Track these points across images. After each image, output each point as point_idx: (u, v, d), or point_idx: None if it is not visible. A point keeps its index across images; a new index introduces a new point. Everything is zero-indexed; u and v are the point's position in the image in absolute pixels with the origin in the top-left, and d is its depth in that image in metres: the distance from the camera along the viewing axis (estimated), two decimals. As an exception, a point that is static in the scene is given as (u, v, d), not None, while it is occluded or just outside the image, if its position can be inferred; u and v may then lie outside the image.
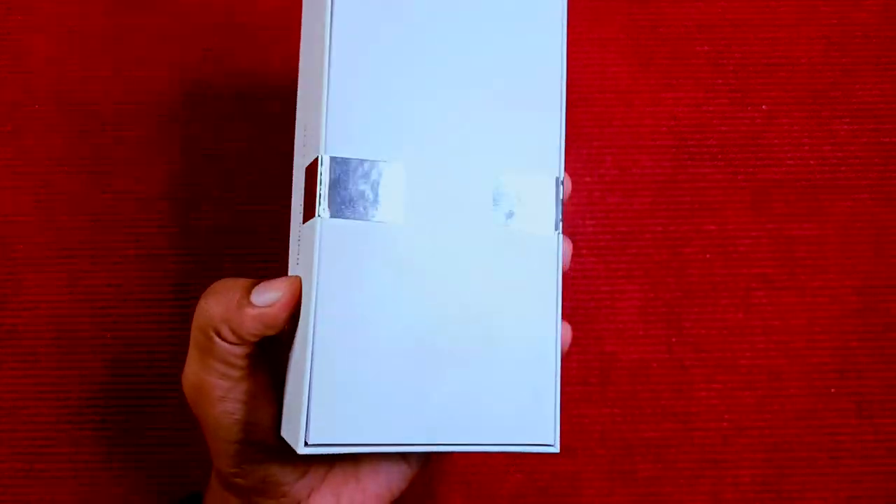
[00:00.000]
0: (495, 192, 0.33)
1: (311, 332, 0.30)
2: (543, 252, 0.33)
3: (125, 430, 0.46)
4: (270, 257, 0.46)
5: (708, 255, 0.47)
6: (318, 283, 0.30)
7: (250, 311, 0.31)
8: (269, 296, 0.32)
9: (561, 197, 0.34)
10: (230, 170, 0.47)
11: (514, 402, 0.32)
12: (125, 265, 0.47)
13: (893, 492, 0.45)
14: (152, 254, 0.47)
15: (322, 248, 0.30)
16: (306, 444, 0.29)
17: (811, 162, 0.47)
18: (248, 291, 0.32)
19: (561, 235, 0.34)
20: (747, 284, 0.46)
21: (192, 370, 0.33)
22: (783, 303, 0.46)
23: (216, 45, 0.48)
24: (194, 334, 0.33)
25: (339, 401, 0.30)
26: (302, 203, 0.34)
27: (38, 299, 0.46)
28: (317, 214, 0.31)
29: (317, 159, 0.31)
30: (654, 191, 0.47)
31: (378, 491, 0.37)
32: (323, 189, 0.31)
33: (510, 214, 0.33)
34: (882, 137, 0.47)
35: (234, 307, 0.32)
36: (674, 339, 0.46)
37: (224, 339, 0.32)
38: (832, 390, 0.46)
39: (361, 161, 0.31)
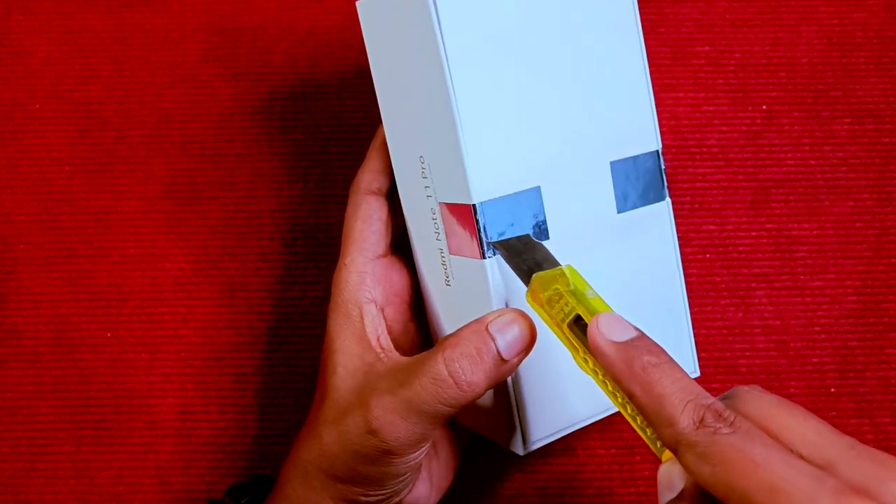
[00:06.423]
0: (614, 184, 0.37)
1: None
2: (658, 221, 0.38)
3: (125, 430, 0.46)
4: (270, 257, 0.47)
5: (708, 255, 0.47)
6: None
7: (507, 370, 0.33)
8: (517, 349, 0.33)
9: (663, 167, 0.38)
10: (230, 170, 0.47)
11: None
12: (125, 265, 0.47)
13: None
14: (152, 254, 0.47)
15: (493, 283, 0.34)
16: (525, 447, 0.36)
17: (811, 162, 0.47)
18: (500, 353, 0.33)
19: (670, 202, 0.38)
20: (747, 284, 0.46)
21: (418, 429, 0.34)
22: (783, 303, 0.46)
23: (216, 45, 0.48)
24: (439, 403, 0.33)
25: (538, 407, 0.36)
26: (438, 231, 0.36)
27: (38, 299, 0.46)
28: (484, 257, 0.34)
29: (468, 206, 0.33)
30: (654, 191, 0.47)
31: (448, 461, 0.41)
32: (484, 236, 0.34)
33: (626, 198, 0.37)
34: (882, 137, 0.47)
35: (494, 366, 0.33)
36: (674, 339, 0.46)
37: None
38: (832, 390, 0.46)
39: (507, 197, 0.34)
